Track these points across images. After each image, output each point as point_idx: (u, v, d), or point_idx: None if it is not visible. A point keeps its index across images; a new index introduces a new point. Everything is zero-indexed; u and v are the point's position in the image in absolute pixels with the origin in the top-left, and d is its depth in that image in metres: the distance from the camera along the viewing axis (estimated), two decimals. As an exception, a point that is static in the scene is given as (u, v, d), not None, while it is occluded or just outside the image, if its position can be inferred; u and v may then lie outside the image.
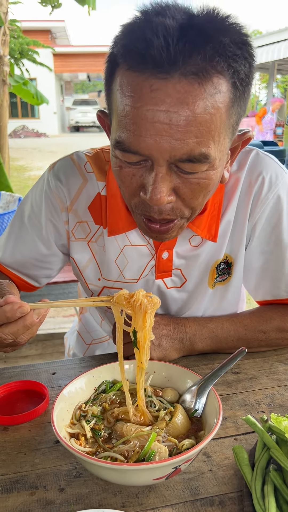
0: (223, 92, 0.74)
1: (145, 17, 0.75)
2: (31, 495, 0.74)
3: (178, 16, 0.72)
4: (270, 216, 1.07)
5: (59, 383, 1.06)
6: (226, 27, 0.74)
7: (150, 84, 0.71)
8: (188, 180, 0.80)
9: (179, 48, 0.69)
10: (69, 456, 0.82)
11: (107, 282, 1.16)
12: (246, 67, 0.76)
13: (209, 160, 0.77)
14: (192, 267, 1.11)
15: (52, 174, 1.11)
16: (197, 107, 0.72)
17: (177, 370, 0.91)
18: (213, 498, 0.73)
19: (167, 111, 0.72)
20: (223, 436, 0.87)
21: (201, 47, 0.70)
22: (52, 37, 25.17)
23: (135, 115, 0.74)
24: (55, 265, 1.23)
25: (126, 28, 0.78)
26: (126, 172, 0.82)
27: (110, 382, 0.91)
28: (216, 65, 0.72)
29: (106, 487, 0.75)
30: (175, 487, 0.75)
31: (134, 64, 0.73)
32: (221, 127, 0.77)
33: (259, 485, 0.69)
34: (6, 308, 0.80)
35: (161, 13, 0.73)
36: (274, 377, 1.06)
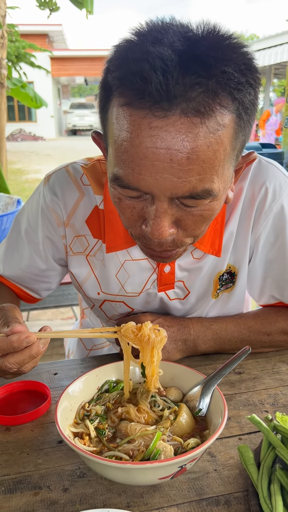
0: (227, 125, 0.70)
1: (141, 43, 0.68)
2: (34, 495, 0.74)
3: (177, 43, 0.66)
4: (274, 226, 1.05)
5: (61, 384, 1.05)
6: (230, 53, 0.68)
7: (149, 122, 0.67)
8: (191, 212, 0.76)
9: (179, 84, 0.64)
10: (73, 456, 0.82)
11: (108, 296, 1.14)
12: (251, 94, 0.72)
13: (213, 195, 0.74)
14: (195, 279, 1.09)
15: (47, 188, 1.08)
16: (199, 145, 0.67)
17: (181, 370, 0.90)
18: (219, 497, 0.72)
19: (167, 150, 0.67)
20: (227, 436, 0.86)
21: (203, 81, 0.65)
22: (49, 41, 25.20)
23: (133, 153, 0.70)
24: (53, 278, 1.21)
25: (121, 54, 0.71)
26: (126, 205, 0.79)
27: (113, 381, 0.90)
28: (220, 100, 0.67)
29: (111, 487, 0.75)
30: (180, 487, 0.74)
31: (130, 100, 0.68)
32: (225, 160, 0.73)
33: (266, 484, 0.69)
34: (13, 338, 0.78)
35: (159, 39, 0.67)
36: (277, 377, 1.05)
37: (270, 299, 1.16)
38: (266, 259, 1.09)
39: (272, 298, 1.16)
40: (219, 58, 0.66)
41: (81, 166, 1.09)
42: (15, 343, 0.78)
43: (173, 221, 0.77)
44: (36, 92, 7.40)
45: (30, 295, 1.23)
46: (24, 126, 25.48)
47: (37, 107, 7.19)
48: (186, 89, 0.64)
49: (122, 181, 0.73)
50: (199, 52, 0.65)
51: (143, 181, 0.71)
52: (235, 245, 1.08)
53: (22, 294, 1.22)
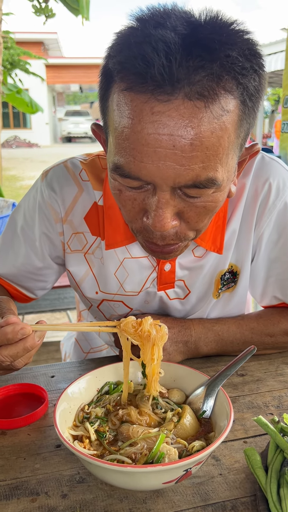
0: (231, 111, 0.68)
1: (143, 28, 0.66)
2: (32, 501, 0.70)
3: (180, 27, 0.64)
4: (278, 224, 1.03)
5: (58, 386, 1.02)
6: (233, 38, 0.66)
7: (151, 107, 0.65)
8: (194, 204, 0.74)
9: (183, 67, 0.62)
10: (71, 460, 0.78)
11: (106, 295, 1.11)
12: (256, 81, 0.70)
13: (216, 184, 0.72)
14: (196, 278, 1.07)
15: (45, 183, 1.05)
16: (203, 130, 0.65)
17: (183, 371, 0.87)
18: (225, 503, 0.69)
19: (170, 136, 0.65)
20: (231, 439, 0.83)
21: (207, 65, 0.63)
22: (44, 48, 25.28)
23: (134, 140, 0.67)
24: (49, 277, 1.18)
25: (122, 39, 0.69)
26: (127, 196, 0.76)
27: (113, 383, 0.87)
28: (224, 84, 0.65)
29: (112, 492, 0.71)
30: (184, 492, 0.71)
31: (132, 84, 0.66)
32: (229, 147, 0.71)
33: (275, 488, 0.66)
34: (8, 329, 0.75)
35: (161, 23, 0.65)
36: (281, 379, 1.02)
37: (273, 300, 1.14)
38: (269, 258, 1.07)
39: (275, 299, 1.13)
40: (223, 42, 0.64)
41: (80, 162, 1.07)
42: (9, 334, 0.74)
43: (175, 212, 0.74)
44: (31, 98, 7.41)
45: (25, 295, 1.19)
46: (19, 133, 25.47)
47: (33, 112, 7.20)
48: (189, 73, 0.62)
49: (123, 170, 0.71)
50: (202, 36, 0.63)
51: (144, 169, 0.68)
52: (237, 243, 1.05)
53: (17, 293, 1.18)
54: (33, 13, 6.94)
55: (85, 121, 26.78)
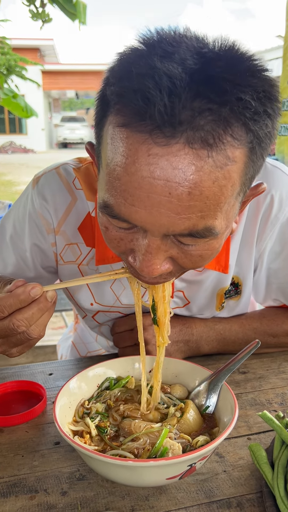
0: (238, 160, 0.60)
1: (148, 55, 0.58)
2: (30, 499, 0.68)
3: (189, 60, 0.56)
4: (281, 236, 0.99)
5: (57, 384, 1.00)
6: (248, 77, 0.58)
7: (148, 149, 0.57)
8: (188, 252, 0.66)
9: (187, 109, 0.54)
10: (71, 457, 0.76)
11: (102, 307, 1.07)
12: (268, 126, 0.61)
13: (214, 233, 0.63)
14: (196, 291, 1.03)
15: (36, 191, 0.98)
16: (204, 179, 0.57)
17: (186, 366, 0.86)
18: (230, 500, 0.67)
19: (166, 182, 0.57)
20: (235, 436, 0.81)
21: (214, 108, 0.55)
22: (40, 55, 25.34)
23: (127, 181, 0.59)
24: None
25: (123, 65, 0.61)
26: (114, 235, 0.68)
27: (114, 378, 0.85)
28: (232, 131, 0.57)
29: (113, 489, 0.69)
30: (187, 489, 0.69)
31: (129, 121, 0.58)
32: (232, 195, 0.63)
33: (282, 483, 0.64)
34: (18, 291, 0.70)
35: (169, 53, 0.57)
36: (284, 377, 1.01)
37: (275, 302, 1.12)
38: (271, 268, 1.04)
39: (277, 301, 1.11)
40: (236, 82, 0.56)
41: (73, 169, 1.01)
42: (22, 295, 0.70)
43: (166, 257, 0.66)
44: (26, 102, 7.40)
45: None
46: (14, 138, 25.47)
47: (28, 117, 7.20)
48: (194, 115, 0.54)
49: (112, 210, 0.63)
50: (213, 74, 0.55)
51: (136, 214, 0.61)
52: (239, 258, 1.01)
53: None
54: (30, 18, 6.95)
55: (81, 127, 26.80)
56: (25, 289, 0.70)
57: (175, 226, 0.60)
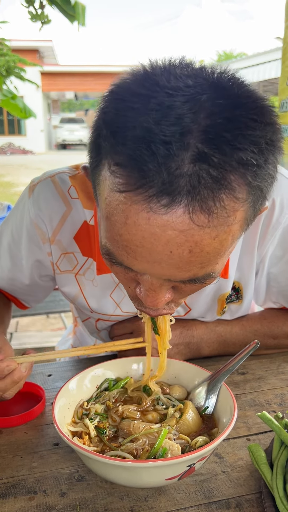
0: (238, 216, 0.58)
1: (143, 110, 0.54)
2: (29, 500, 0.68)
3: (187, 115, 0.53)
4: (282, 240, 0.98)
5: (56, 385, 1.00)
6: (251, 131, 0.55)
7: (147, 216, 0.55)
8: (189, 285, 0.66)
9: (185, 176, 0.52)
10: (70, 458, 0.76)
11: (101, 315, 1.07)
12: (271, 173, 0.59)
13: (214, 276, 0.64)
14: (197, 298, 1.02)
15: (32, 201, 0.98)
16: (204, 238, 0.56)
17: (185, 367, 0.85)
18: (229, 500, 0.67)
19: (168, 242, 0.56)
20: (234, 436, 0.81)
21: (214, 173, 0.53)
22: (40, 56, 25.36)
23: (128, 239, 0.58)
24: (39, 293, 1.15)
25: (117, 115, 0.57)
26: (118, 270, 0.67)
27: (113, 379, 0.85)
28: (235, 194, 0.55)
29: (112, 490, 0.69)
30: (187, 489, 0.69)
31: (125, 188, 0.56)
32: (235, 242, 0.63)
33: (281, 484, 0.64)
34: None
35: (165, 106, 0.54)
36: (283, 377, 1.01)
37: (275, 304, 1.12)
38: (272, 272, 1.04)
39: (277, 304, 1.11)
40: (238, 142, 0.53)
41: (69, 177, 0.99)
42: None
43: (169, 289, 0.67)
44: (25, 103, 7.42)
45: (20, 302, 1.18)
46: (13, 139, 25.46)
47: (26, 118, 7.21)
48: (192, 183, 0.53)
49: (114, 258, 0.64)
50: (212, 134, 0.53)
51: (138, 265, 0.61)
52: (240, 263, 1.01)
53: (14, 300, 1.16)
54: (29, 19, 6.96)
55: (80, 128, 26.79)
56: (0, 366, 0.78)
57: (177, 277, 0.61)
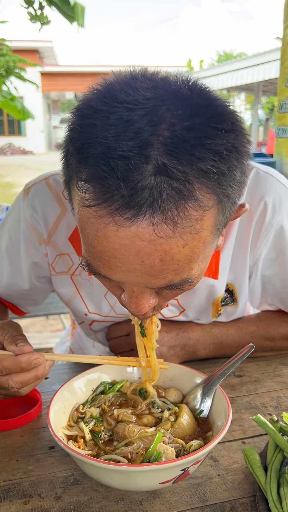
0: (205, 222, 0.59)
1: (103, 126, 0.56)
2: (24, 503, 0.68)
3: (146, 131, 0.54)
4: (275, 242, 0.99)
5: (52, 388, 1.00)
6: (210, 140, 0.55)
7: (116, 230, 0.56)
8: (171, 290, 0.66)
9: (146, 190, 0.53)
10: (66, 462, 0.76)
11: (96, 316, 1.07)
12: (236, 178, 0.60)
13: (191, 281, 0.65)
14: (190, 299, 1.03)
15: (26, 203, 0.99)
16: (173, 247, 0.57)
17: (181, 370, 0.86)
18: (224, 504, 0.67)
19: (138, 253, 0.57)
20: (230, 439, 0.81)
21: (175, 185, 0.54)
22: (39, 57, 25.38)
23: (101, 252, 0.60)
24: (39, 297, 1.16)
25: (81, 133, 0.59)
26: (102, 279, 0.69)
27: (109, 383, 0.85)
28: (198, 203, 0.56)
29: (107, 494, 0.69)
30: (181, 493, 0.69)
31: (91, 203, 0.57)
32: (207, 246, 0.63)
33: (275, 487, 0.64)
34: (22, 358, 0.75)
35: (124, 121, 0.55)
36: (279, 380, 1.01)
37: (271, 306, 1.12)
38: (267, 275, 1.04)
39: (273, 306, 1.12)
40: (197, 152, 0.54)
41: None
42: (24, 363, 0.75)
43: (151, 295, 0.68)
44: (24, 105, 7.46)
45: (19, 309, 1.18)
46: (13, 140, 25.50)
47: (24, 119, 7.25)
48: (153, 196, 0.53)
49: (93, 269, 0.65)
50: (171, 146, 0.53)
51: (114, 275, 0.62)
52: (232, 264, 1.01)
53: (11, 307, 1.17)
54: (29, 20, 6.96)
55: (80, 128, 26.83)
56: (29, 358, 0.76)
57: (152, 284, 0.62)
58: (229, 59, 22.14)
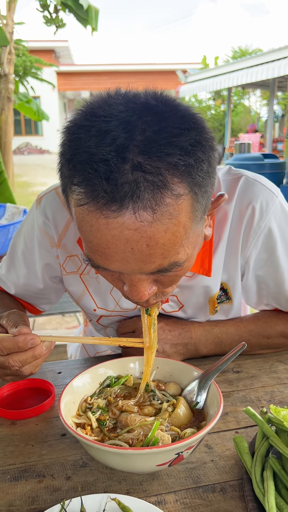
0: (182, 209, 0.69)
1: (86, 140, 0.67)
2: (38, 482, 0.77)
3: (121, 135, 0.64)
4: (265, 244, 1.07)
5: (65, 382, 1.09)
6: (174, 137, 0.66)
7: (106, 223, 0.67)
8: (166, 275, 0.77)
9: (125, 185, 0.64)
10: (75, 447, 0.85)
11: (104, 312, 1.17)
12: (203, 169, 0.70)
13: (180, 264, 0.75)
14: (188, 295, 1.11)
15: (39, 211, 1.11)
16: (156, 233, 0.67)
17: (180, 366, 0.94)
18: (215, 485, 0.75)
19: (127, 241, 0.67)
20: (224, 429, 0.89)
21: (149, 178, 0.64)
22: (55, 56, 25.60)
23: (97, 245, 0.71)
24: (52, 295, 1.26)
25: (69, 146, 0.70)
26: (103, 273, 0.81)
27: (114, 377, 0.94)
28: (171, 191, 0.66)
29: (111, 475, 0.78)
30: (177, 475, 0.78)
31: (82, 202, 0.68)
32: (188, 231, 0.72)
33: (259, 471, 0.72)
34: (19, 338, 0.83)
35: (103, 132, 0.66)
36: (274, 376, 1.08)
37: (268, 306, 1.20)
38: (260, 275, 1.11)
39: (269, 306, 1.19)
40: (165, 149, 0.65)
41: None
42: (21, 343, 0.83)
43: (150, 283, 0.78)
44: (39, 107, 7.64)
45: (35, 308, 1.29)
46: (30, 140, 25.79)
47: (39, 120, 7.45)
48: (132, 189, 0.64)
49: (93, 262, 0.75)
50: (142, 147, 0.64)
51: (111, 265, 0.73)
52: (225, 265, 1.09)
53: (28, 306, 1.27)
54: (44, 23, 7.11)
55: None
56: (25, 339, 0.83)
57: (145, 269, 0.72)
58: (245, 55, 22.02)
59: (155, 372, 0.95)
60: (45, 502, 0.73)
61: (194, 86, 15.63)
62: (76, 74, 26.24)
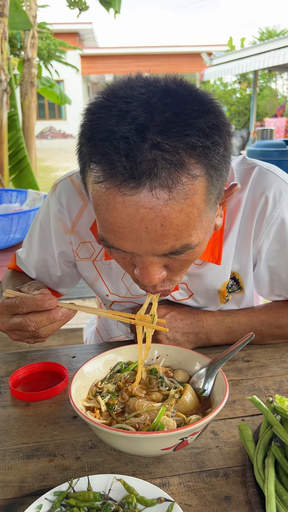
0: (197, 190, 0.71)
1: (107, 118, 0.69)
2: (49, 461, 0.81)
3: (141, 117, 0.67)
4: (278, 234, 1.07)
5: (78, 366, 1.12)
6: (192, 120, 0.68)
7: (122, 200, 0.69)
8: (177, 259, 0.79)
9: (143, 163, 0.66)
10: (85, 429, 0.89)
11: (116, 297, 1.20)
12: (219, 153, 0.72)
13: (192, 248, 0.77)
14: (198, 284, 1.13)
15: (54, 198, 1.13)
16: (170, 213, 0.69)
17: (188, 354, 0.96)
18: (218, 470, 0.78)
19: (141, 220, 0.70)
20: (231, 417, 0.91)
21: (166, 157, 0.66)
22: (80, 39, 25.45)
23: (112, 223, 0.73)
24: (71, 281, 1.30)
25: (90, 126, 0.73)
26: (116, 255, 0.83)
27: (125, 363, 0.96)
28: (188, 170, 0.68)
29: (119, 457, 0.81)
30: (182, 459, 0.80)
31: (101, 179, 0.70)
32: (202, 214, 0.74)
33: (261, 458, 0.74)
34: (38, 297, 0.87)
35: (123, 112, 0.68)
36: (284, 366, 1.09)
37: (279, 297, 1.20)
38: (272, 265, 1.12)
39: (281, 296, 1.19)
40: (184, 130, 0.67)
41: None
42: (39, 301, 0.87)
43: (160, 266, 0.80)
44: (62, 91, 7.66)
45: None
46: (54, 124, 25.84)
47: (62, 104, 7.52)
48: (150, 167, 0.66)
49: (107, 243, 0.78)
50: (162, 126, 0.66)
51: (125, 244, 0.75)
52: (236, 254, 1.10)
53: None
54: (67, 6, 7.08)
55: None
56: (43, 298, 0.87)
57: (158, 250, 0.74)
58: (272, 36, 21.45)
59: (164, 359, 0.98)
60: (55, 480, 0.77)
61: (220, 69, 15.33)
62: (100, 57, 26.04)
